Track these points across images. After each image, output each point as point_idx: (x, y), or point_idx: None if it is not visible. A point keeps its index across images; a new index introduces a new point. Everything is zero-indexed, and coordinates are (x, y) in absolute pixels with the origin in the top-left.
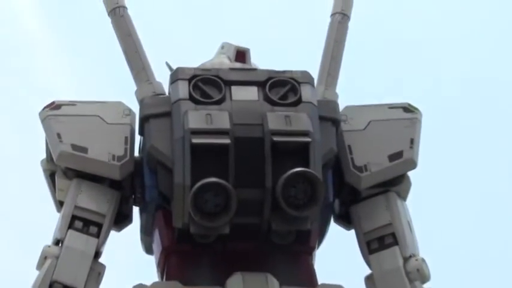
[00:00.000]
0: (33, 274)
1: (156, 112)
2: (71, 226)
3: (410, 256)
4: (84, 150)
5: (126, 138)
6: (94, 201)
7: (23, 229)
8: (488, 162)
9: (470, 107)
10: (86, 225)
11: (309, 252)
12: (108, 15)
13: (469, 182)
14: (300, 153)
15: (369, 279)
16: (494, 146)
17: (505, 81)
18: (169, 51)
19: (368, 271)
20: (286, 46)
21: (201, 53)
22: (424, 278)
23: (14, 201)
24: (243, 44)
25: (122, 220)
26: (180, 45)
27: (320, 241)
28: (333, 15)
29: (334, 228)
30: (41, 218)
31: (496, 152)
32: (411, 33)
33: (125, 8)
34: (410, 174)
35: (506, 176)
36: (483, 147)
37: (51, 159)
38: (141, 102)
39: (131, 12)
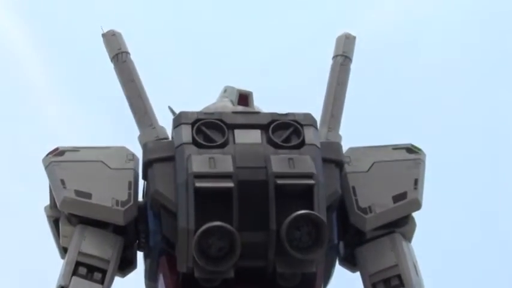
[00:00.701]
0: None
1: (160, 156)
2: (75, 273)
3: None
4: (87, 195)
5: (129, 183)
6: (98, 247)
7: (27, 276)
8: (495, 198)
9: (473, 143)
10: (90, 271)
11: None
12: (111, 60)
13: (475, 219)
14: (304, 195)
15: None
16: (500, 183)
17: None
18: (172, 95)
19: None
20: (289, 88)
21: (203, 97)
22: None
23: (18, 247)
24: (245, 87)
25: (126, 265)
26: (183, 89)
27: (325, 284)
28: (334, 57)
29: (339, 271)
30: (45, 265)
31: (502, 187)
32: (413, 73)
33: (127, 53)
34: (415, 215)
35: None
36: (489, 184)
37: (55, 205)
38: (144, 146)
39: (134, 56)
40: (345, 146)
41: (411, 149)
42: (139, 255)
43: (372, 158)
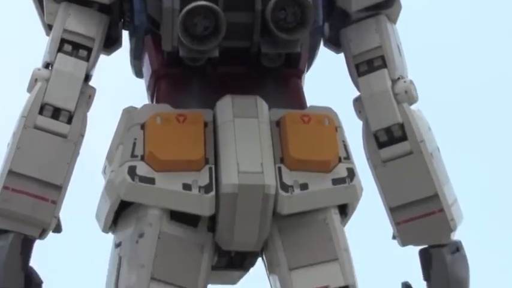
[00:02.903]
0: (24, 97)
1: None
2: (60, 49)
3: (398, 78)
4: None
5: None
6: (83, 25)
7: (12, 52)
8: None
9: None
10: (75, 48)
11: (299, 75)
12: None
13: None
14: None
15: (357, 101)
16: None
17: None
18: None
19: (357, 93)
20: None
21: None
22: (412, 99)
23: (2, 24)
24: None
25: (111, 44)
26: None
27: (309, 64)
28: None
29: (323, 52)
30: (31, 41)
31: None
32: None
33: None
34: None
35: None
36: None
37: None
38: None
39: None
40: None
41: None
42: (125, 34)
43: None
